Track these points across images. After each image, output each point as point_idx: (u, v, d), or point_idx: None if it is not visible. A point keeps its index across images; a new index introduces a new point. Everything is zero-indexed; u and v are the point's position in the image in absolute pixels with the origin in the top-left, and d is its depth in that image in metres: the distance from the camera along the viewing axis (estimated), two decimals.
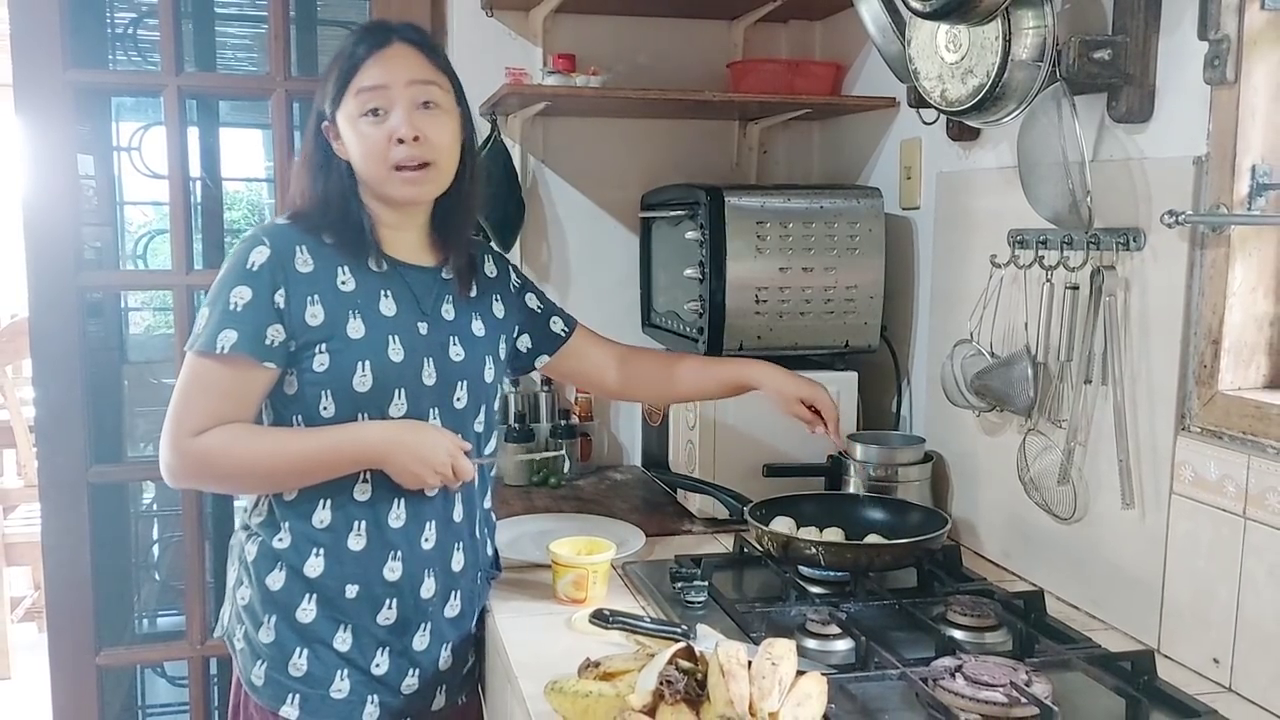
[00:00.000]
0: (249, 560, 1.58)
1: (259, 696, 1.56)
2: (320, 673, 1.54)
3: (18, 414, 4.04)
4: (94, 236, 2.59)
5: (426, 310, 1.59)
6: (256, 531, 1.58)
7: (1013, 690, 1.28)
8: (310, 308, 1.50)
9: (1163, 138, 1.52)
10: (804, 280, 2.14)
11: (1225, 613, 1.41)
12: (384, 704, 1.58)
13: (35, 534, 3.74)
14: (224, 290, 1.49)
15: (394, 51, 1.52)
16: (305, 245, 1.52)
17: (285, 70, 2.35)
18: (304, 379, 1.51)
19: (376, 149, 1.50)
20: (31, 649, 4.00)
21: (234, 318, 1.47)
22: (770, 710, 1.19)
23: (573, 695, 1.30)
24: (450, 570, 1.61)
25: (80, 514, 2.37)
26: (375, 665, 1.57)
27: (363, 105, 1.49)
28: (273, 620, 1.55)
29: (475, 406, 1.63)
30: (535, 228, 2.57)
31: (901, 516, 1.86)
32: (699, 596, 1.65)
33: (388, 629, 1.57)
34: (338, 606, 1.55)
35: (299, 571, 1.54)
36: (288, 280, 1.49)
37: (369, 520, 1.54)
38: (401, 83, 1.50)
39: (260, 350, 1.48)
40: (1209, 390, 1.44)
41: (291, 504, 1.54)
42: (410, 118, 1.50)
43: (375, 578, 1.55)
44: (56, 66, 2.24)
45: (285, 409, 1.54)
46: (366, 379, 1.51)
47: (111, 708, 2.63)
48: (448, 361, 1.59)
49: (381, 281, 1.56)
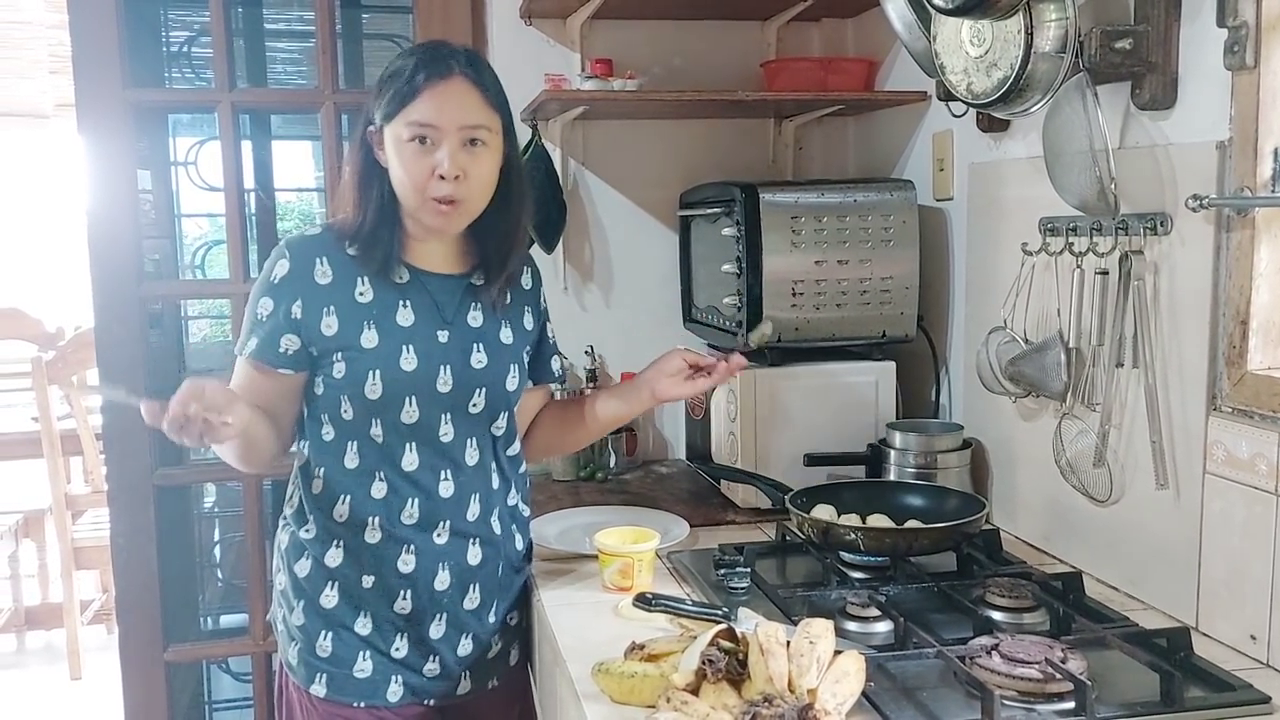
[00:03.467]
0: (283, 549, 1.70)
1: (294, 675, 1.68)
2: (344, 654, 1.64)
3: (85, 423, 4.16)
4: (153, 249, 2.68)
5: (449, 318, 1.65)
6: (289, 522, 1.69)
7: (1048, 667, 1.31)
8: (326, 318, 1.58)
9: (1186, 124, 1.54)
10: (840, 273, 2.18)
11: (1261, 589, 1.43)
12: (408, 684, 1.66)
13: (103, 538, 3.89)
14: (255, 300, 1.61)
15: (453, 88, 1.54)
16: (326, 257, 1.60)
17: (333, 84, 2.43)
18: (327, 384, 1.61)
19: (418, 178, 1.55)
20: (101, 650, 4.14)
21: (259, 326, 1.60)
22: (809, 687, 1.24)
23: (619, 676, 1.35)
24: (466, 565, 1.67)
25: (147, 516, 2.47)
26: (395, 649, 1.65)
27: (413, 132, 1.54)
28: (301, 605, 1.66)
29: (493, 412, 1.68)
30: (577, 229, 2.63)
31: (940, 502, 1.89)
32: (742, 583, 1.70)
33: (404, 617, 1.65)
34: (356, 594, 1.64)
35: (321, 561, 1.64)
36: (305, 292, 1.58)
37: (383, 516, 1.62)
38: (454, 126, 1.53)
39: (274, 358, 1.59)
40: (1238, 370, 1.46)
41: (316, 498, 1.64)
42: (456, 157, 1.53)
43: (390, 570, 1.63)
44: (116, 86, 2.34)
45: (315, 407, 1.64)
46: (377, 387, 1.58)
47: (180, 703, 2.72)
48: (467, 368, 1.64)
49: (401, 292, 1.62)
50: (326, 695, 1.64)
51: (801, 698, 1.21)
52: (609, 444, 2.51)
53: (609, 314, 2.66)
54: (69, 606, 4.05)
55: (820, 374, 2.20)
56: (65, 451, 4.14)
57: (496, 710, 1.78)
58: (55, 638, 4.32)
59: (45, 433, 4.00)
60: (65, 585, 4.07)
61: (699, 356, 1.76)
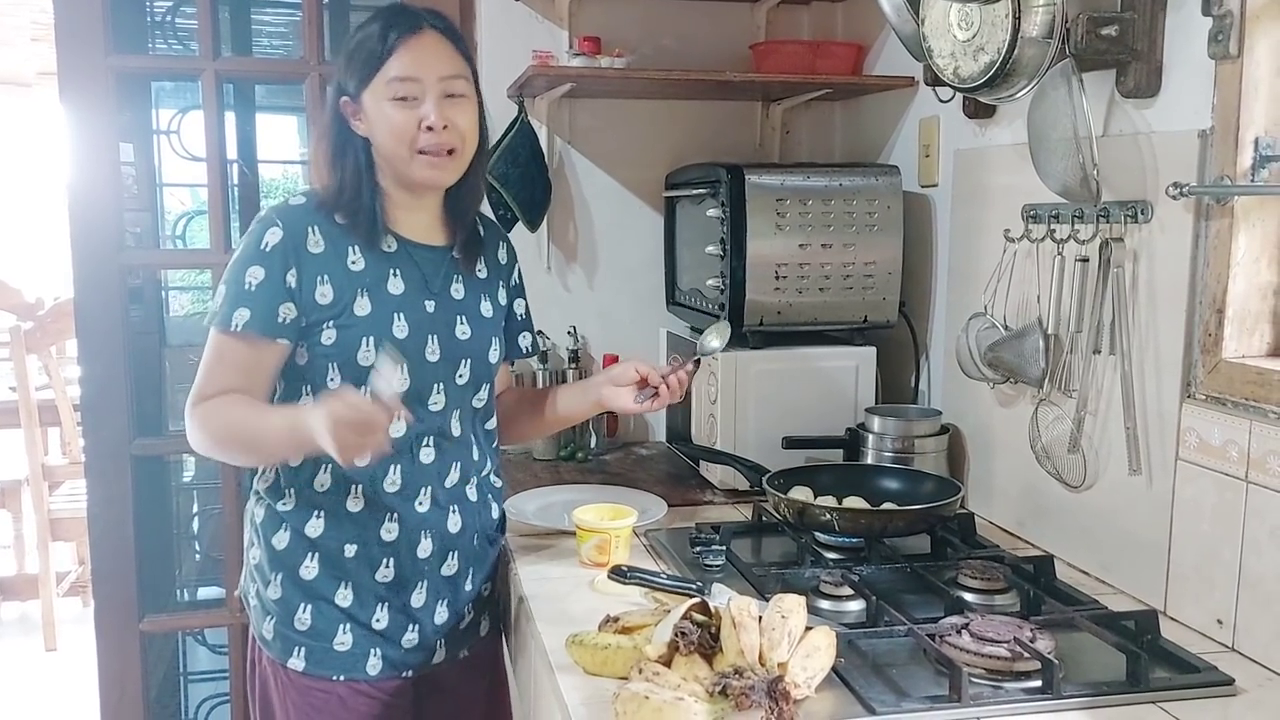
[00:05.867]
0: (258, 522, 1.68)
1: (270, 650, 1.66)
2: (324, 626, 1.63)
3: (62, 393, 4.14)
4: (133, 222, 2.65)
5: (435, 290, 1.66)
6: (264, 496, 1.68)
7: (1016, 646, 1.33)
8: (320, 287, 1.57)
9: (1169, 112, 1.55)
10: (823, 257, 2.19)
11: (1228, 574, 1.44)
12: (386, 657, 1.66)
13: (79, 510, 3.88)
14: (239, 270, 1.57)
15: (425, 41, 1.57)
16: (317, 226, 1.59)
17: (319, 55, 2.41)
18: (313, 351, 1.59)
19: (405, 132, 1.56)
20: (76, 623, 4.12)
21: (248, 297, 1.55)
22: (779, 660, 1.25)
23: (592, 647, 1.36)
24: (447, 532, 1.68)
25: (124, 485, 2.45)
26: (375, 620, 1.65)
27: (393, 91, 1.55)
28: (279, 578, 1.64)
29: (476, 383, 1.70)
30: (562, 208, 2.62)
31: (916, 486, 1.90)
32: (717, 560, 1.71)
33: (386, 586, 1.65)
34: (338, 565, 1.63)
35: (301, 532, 1.63)
36: (299, 260, 1.57)
37: (366, 484, 1.62)
38: (434, 77, 1.56)
39: (271, 327, 1.56)
40: (1213, 358, 1.47)
41: (295, 470, 1.63)
42: (440, 107, 1.56)
43: (372, 538, 1.63)
44: (99, 52, 2.32)
45: (296, 379, 1.62)
46: (370, 354, 1.58)
47: (155, 674, 2.71)
48: (452, 339, 1.66)
49: (390, 261, 1.63)
50: (305, 670, 1.63)
51: (772, 670, 1.23)
52: (590, 424, 2.51)
53: (592, 294, 2.66)
54: (44, 578, 4.04)
55: (801, 358, 2.21)
56: (43, 422, 4.12)
57: (467, 680, 1.79)
58: (30, 609, 4.31)
59: (23, 403, 3.97)
60: (41, 556, 4.05)
61: (650, 371, 1.75)
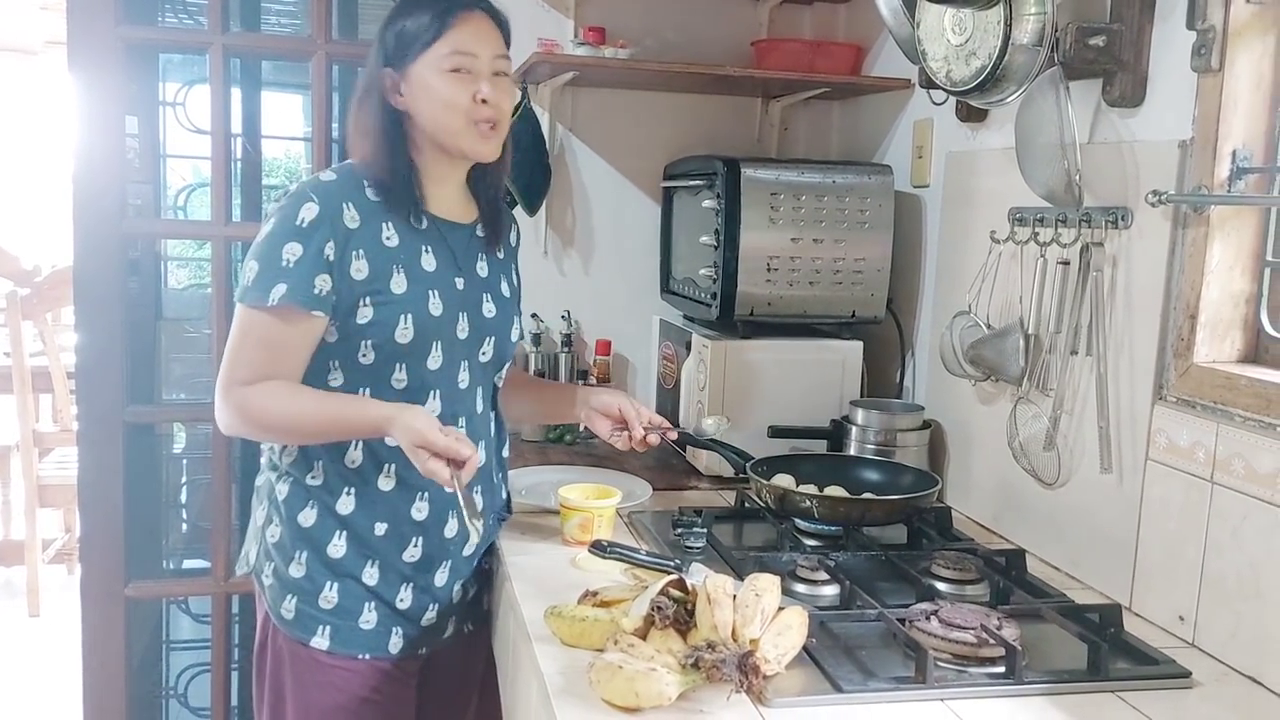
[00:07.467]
0: (280, 499, 1.65)
1: (289, 629, 1.64)
2: (350, 605, 1.64)
3: (56, 360, 4.15)
4: (135, 194, 2.68)
5: (463, 266, 1.69)
6: (288, 471, 1.65)
7: (983, 632, 1.37)
8: (356, 262, 1.57)
9: (1152, 122, 1.59)
10: (815, 251, 2.23)
11: (1191, 572, 1.49)
12: (406, 635, 1.68)
13: (68, 477, 3.90)
14: (274, 245, 1.54)
15: (481, 21, 1.63)
16: (352, 201, 1.59)
17: (327, 33, 2.44)
18: (346, 329, 1.58)
19: (461, 102, 1.59)
20: (61, 590, 4.15)
21: (285, 273, 1.53)
22: (752, 637, 1.29)
23: (570, 619, 1.39)
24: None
25: (115, 452, 2.48)
26: (400, 600, 1.67)
27: (452, 63, 1.59)
28: (303, 556, 1.63)
29: (499, 361, 1.74)
30: (561, 194, 2.66)
31: (896, 478, 1.95)
32: (698, 542, 1.75)
33: (412, 565, 1.67)
34: (366, 543, 1.64)
35: (331, 509, 1.63)
36: (335, 235, 1.55)
37: (399, 463, 1.61)
38: (489, 55, 1.62)
39: (309, 300, 1.54)
40: (1185, 362, 1.51)
41: (325, 445, 1.62)
42: (493, 83, 1.62)
43: (404, 516, 1.65)
44: (109, 22, 2.34)
45: (324, 355, 1.60)
46: (408, 331, 1.59)
47: (138, 641, 2.74)
48: (480, 317, 1.69)
49: (422, 238, 1.64)
50: (330, 649, 1.63)
51: (744, 646, 1.26)
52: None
53: (587, 280, 2.70)
54: (31, 544, 4.06)
55: (789, 349, 2.25)
56: (35, 389, 4.14)
57: (473, 652, 1.83)
58: (15, 575, 4.34)
59: (16, 369, 3.99)
60: (28, 522, 4.07)
61: (631, 411, 1.83)
